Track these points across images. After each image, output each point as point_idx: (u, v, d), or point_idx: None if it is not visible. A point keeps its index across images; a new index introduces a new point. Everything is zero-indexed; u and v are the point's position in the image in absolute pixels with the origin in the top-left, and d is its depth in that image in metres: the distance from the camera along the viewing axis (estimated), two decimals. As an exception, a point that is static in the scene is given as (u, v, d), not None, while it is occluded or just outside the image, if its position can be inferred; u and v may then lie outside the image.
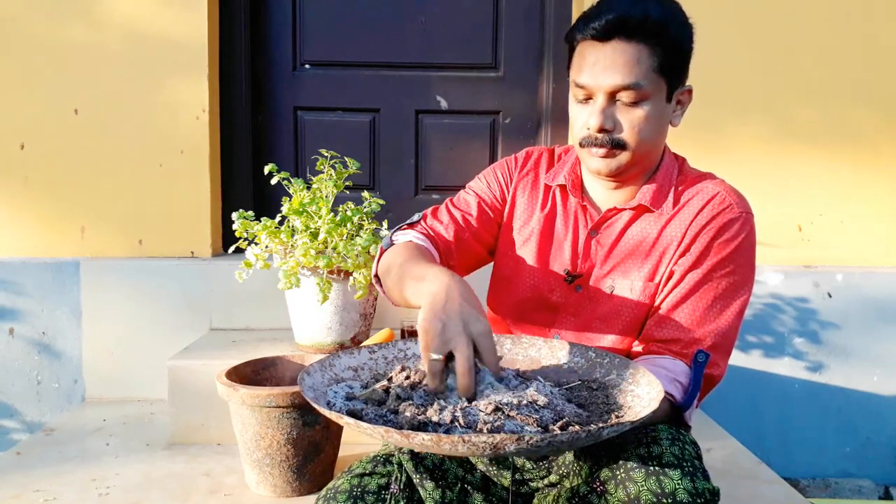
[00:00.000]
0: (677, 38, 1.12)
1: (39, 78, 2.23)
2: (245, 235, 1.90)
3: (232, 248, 1.95)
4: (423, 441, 0.79)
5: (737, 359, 2.31)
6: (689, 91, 1.20)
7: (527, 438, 0.78)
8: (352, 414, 0.90)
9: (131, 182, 2.27)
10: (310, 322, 1.94)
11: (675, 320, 1.16)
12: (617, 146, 1.14)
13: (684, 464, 0.99)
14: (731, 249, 1.16)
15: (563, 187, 1.27)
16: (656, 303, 1.19)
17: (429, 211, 1.33)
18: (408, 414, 0.89)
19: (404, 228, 1.28)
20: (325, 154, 1.96)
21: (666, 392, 1.09)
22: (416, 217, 1.31)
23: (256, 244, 1.90)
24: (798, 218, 2.36)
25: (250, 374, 1.69)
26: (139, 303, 2.24)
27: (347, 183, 1.99)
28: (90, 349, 2.25)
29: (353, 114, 2.52)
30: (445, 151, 2.54)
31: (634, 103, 1.12)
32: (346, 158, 1.96)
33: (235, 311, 2.26)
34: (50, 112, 2.24)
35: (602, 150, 1.15)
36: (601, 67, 1.10)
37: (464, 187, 1.37)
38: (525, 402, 0.90)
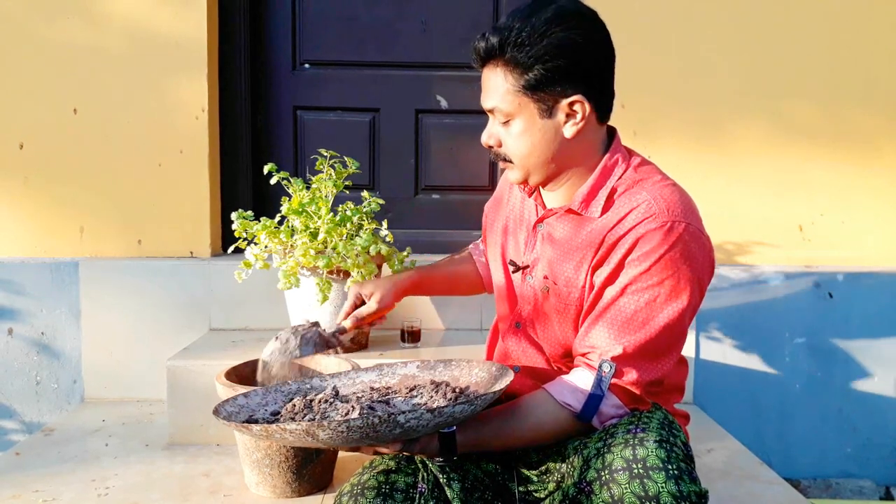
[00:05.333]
0: (537, 56, 1.11)
1: (38, 78, 2.23)
2: (244, 235, 1.89)
3: (231, 248, 1.95)
4: (256, 430, 1.00)
5: (738, 359, 2.31)
6: (579, 101, 1.14)
7: (326, 424, 0.95)
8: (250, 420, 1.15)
9: (130, 182, 2.27)
10: (314, 317, 1.94)
11: (594, 333, 1.16)
12: (505, 160, 1.23)
13: (669, 466, 0.99)
14: (653, 261, 1.11)
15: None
16: (583, 312, 1.20)
17: None
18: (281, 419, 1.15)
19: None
20: (325, 154, 1.96)
21: (563, 403, 1.15)
22: None
23: (256, 244, 1.89)
24: (799, 218, 2.36)
25: (250, 374, 1.68)
26: (138, 303, 2.24)
27: (347, 183, 1.99)
28: (89, 349, 2.25)
29: (352, 113, 2.52)
30: (445, 151, 2.53)
31: (505, 122, 1.19)
32: (346, 158, 1.96)
33: (235, 311, 2.26)
34: (49, 112, 2.24)
35: (503, 163, 1.24)
36: (482, 91, 1.21)
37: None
38: (373, 412, 1.10)
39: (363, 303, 1.39)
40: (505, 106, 1.16)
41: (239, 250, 1.94)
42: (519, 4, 1.17)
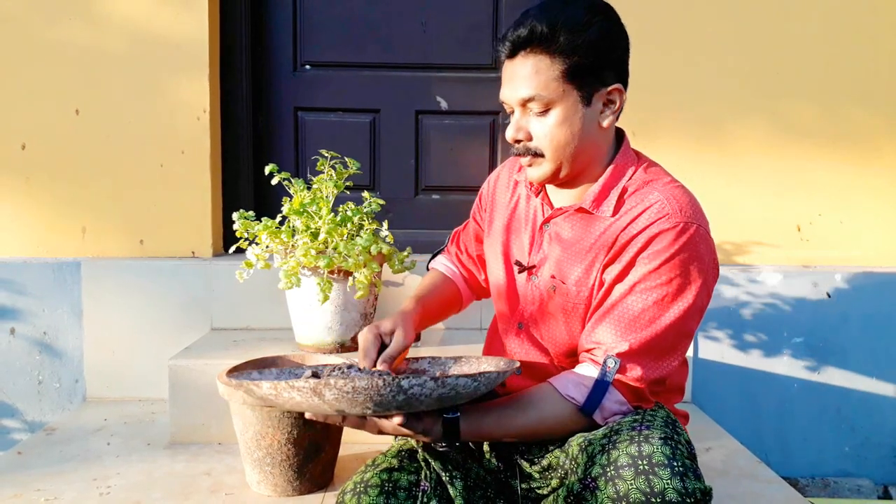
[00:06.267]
0: (580, 43, 1.13)
1: (40, 78, 2.24)
2: (246, 235, 1.90)
3: (233, 249, 1.96)
4: (266, 387, 1.01)
5: (736, 358, 2.32)
6: (617, 90, 1.18)
7: (332, 383, 0.97)
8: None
9: (132, 182, 2.28)
10: (310, 322, 1.95)
11: (600, 330, 1.17)
12: (536, 154, 1.20)
13: (675, 463, 1.00)
14: (663, 261, 1.13)
15: (529, 184, 1.31)
16: (591, 309, 1.21)
17: (453, 235, 1.59)
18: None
19: (438, 255, 1.58)
20: (326, 154, 1.97)
21: (567, 396, 1.16)
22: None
23: (257, 244, 1.90)
24: (797, 218, 2.37)
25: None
26: (140, 303, 2.25)
27: (348, 183, 1.99)
28: (91, 349, 2.26)
29: (353, 114, 2.53)
30: (445, 152, 2.54)
31: (543, 112, 1.17)
32: (347, 159, 1.97)
33: (236, 310, 2.27)
34: (51, 112, 2.25)
35: (527, 159, 1.21)
36: (509, 82, 1.18)
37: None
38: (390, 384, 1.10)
39: (383, 341, 1.26)
40: (548, 93, 1.14)
41: (240, 250, 1.95)
42: (519, 4, 1.18)
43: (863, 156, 2.35)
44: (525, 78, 1.15)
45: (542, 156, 1.19)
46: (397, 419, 1.08)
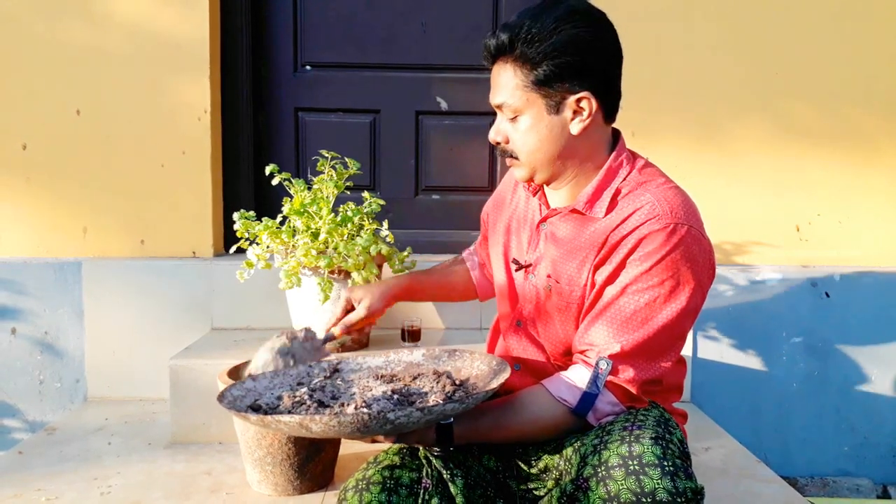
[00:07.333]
0: (543, 53, 1.13)
1: (41, 78, 2.24)
2: (246, 235, 1.91)
3: (233, 249, 1.96)
4: (254, 419, 1.03)
5: (735, 358, 2.32)
6: (586, 98, 1.16)
7: (318, 418, 0.98)
8: (253, 409, 1.17)
9: (133, 182, 2.28)
10: (311, 322, 1.95)
11: (593, 331, 1.18)
12: (512, 157, 1.24)
13: (665, 463, 1.00)
14: (654, 262, 1.13)
15: (526, 184, 1.33)
16: (583, 310, 1.22)
17: None
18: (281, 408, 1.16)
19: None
20: (326, 155, 1.97)
21: (560, 398, 1.18)
22: None
23: (258, 244, 1.91)
24: (796, 218, 2.37)
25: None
26: (141, 303, 2.25)
27: (348, 183, 2.00)
28: (92, 349, 2.26)
29: (353, 115, 2.53)
30: (445, 152, 2.55)
31: (513, 119, 1.21)
32: (347, 159, 1.97)
33: (237, 310, 2.27)
34: (52, 112, 2.25)
35: (509, 160, 1.25)
36: (491, 87, 1.23)
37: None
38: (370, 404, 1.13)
39: (353, 308, 1.42)
40: (513, 101, 1.18)
41: (241, 250, 1.95)
42: (519, 6, 1.18)
43: (862, 156, 2.36)
44: (497, 85, 1.20)
45: (516, 157, 1.23)
46: (390, 437, 1.13)
